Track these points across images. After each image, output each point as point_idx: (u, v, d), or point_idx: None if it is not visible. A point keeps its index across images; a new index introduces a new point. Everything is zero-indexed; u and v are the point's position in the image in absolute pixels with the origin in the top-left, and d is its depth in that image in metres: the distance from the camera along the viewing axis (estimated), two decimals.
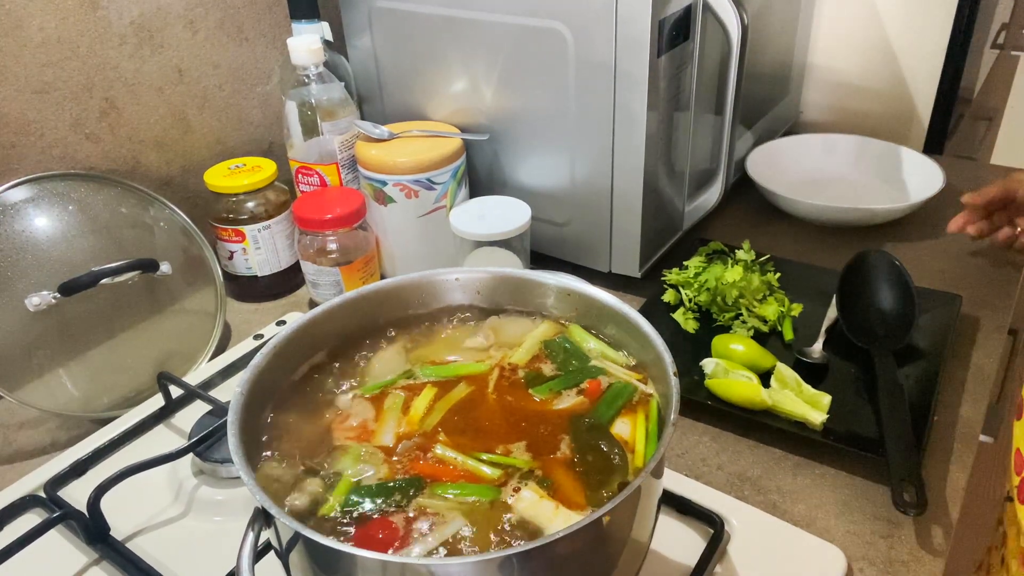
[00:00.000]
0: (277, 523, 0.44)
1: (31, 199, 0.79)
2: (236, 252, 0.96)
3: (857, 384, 0.77)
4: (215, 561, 0.61)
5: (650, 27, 0.79)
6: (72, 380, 0.79)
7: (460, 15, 0.91)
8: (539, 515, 0.47)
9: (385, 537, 0.46)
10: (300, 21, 0.99)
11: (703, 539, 0.61)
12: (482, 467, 0.50)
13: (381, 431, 0.53)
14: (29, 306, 0.75)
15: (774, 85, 1.24)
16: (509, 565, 0.41)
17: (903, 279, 0.81)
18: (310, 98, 0.94)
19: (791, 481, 0.69)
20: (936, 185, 1.04)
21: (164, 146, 1.00)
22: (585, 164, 0.90)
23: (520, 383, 0.57)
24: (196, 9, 0.99)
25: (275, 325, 0.90)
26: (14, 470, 0.75)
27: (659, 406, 0.53)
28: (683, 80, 0.89)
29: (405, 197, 0.91)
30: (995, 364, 0.81)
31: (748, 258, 0.90)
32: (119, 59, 0.93)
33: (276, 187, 0.97)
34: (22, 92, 0.85)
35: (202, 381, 0.81)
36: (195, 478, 0.70)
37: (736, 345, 0.79)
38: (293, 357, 0.57)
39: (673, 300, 0.90)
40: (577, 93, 0.86)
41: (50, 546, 0.64)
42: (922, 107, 1.29)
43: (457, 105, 0.98)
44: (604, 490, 0.48)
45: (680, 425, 0.75)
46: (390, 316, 0.62)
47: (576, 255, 0.97)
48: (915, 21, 1.25)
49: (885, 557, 0.62)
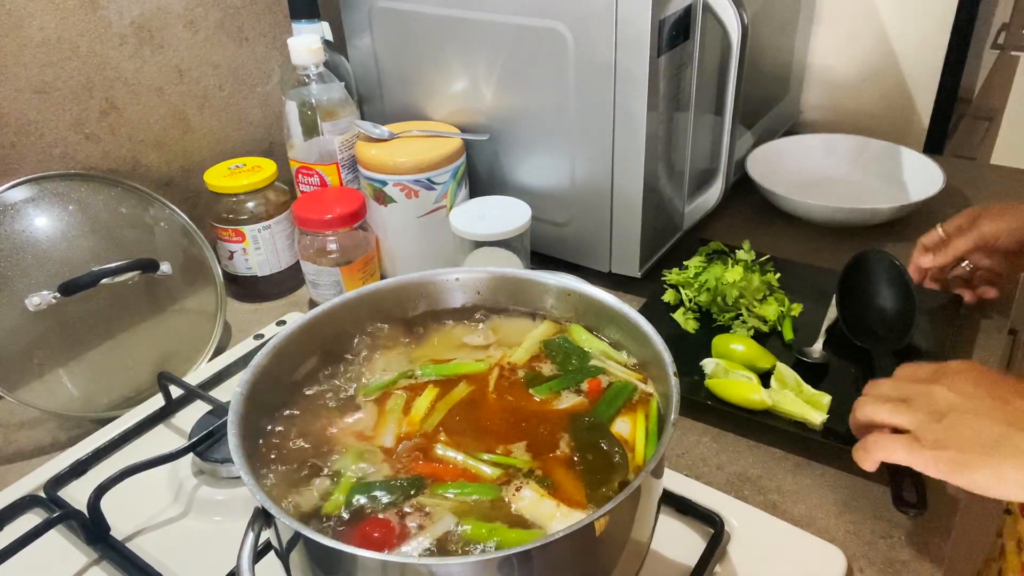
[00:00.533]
0: (277, 523, 0.44)
1: (31, 199, 0.79)
2: (236, 252, 0.96)
3: (857, 384, 0.77)
4: (215, 561, 0.61)
5: (650, 27, 0.79)
6: (72, 380, 0.79)
7: (460, 15, 0.91)
8: (539, 514, 0.47)
9: (385, 537, 0.46)
10: (300, 21, 0.99)
11: (703, 539, 0.61)
12: (482, 467, 0.50)
13: (382, 431, 0.53)
14: (29, 306, 0.75)
15: (774, 85, 1.24)
16: (509, 565, 0.41)
17: (903, 278, 0.81)
18: (310, 98, 0.94)
19: (791, 481, 0.69)
20: (936, 185, 1.04)
21: (164, 146, 1.00)
22: (585, 164, 0.90)
23: (520, 383, 0.57)
24: (196, 9, 0.99)
25: (275, 325, 0.90)
26: (14, 470, 0.75)
27: (659, 406, 0.53)
28: (683, 80, 0.89)
29: (405, 197, 0.91)
30: (995, 364, 0.81)
31: (748, 258, 0.89)
32: (119, 59, 0.93)
33: (276, 187, 0.97)
34: (22, 92, 0.85)
35: (202, 381, 0.81)
36: (195, 478, 0.70)
37: (736, 345, 0.79)
38: (293, 357, 0.57)
39: (673, 300, 0.90)
40: (577, 93, 0.86)
41: (50, 546, 0.64)
42: (922, 107, 1.29)
43: (457, 105, 0.98)
44: (605, 488, 0.48)
45: (680, 425, 0.75)
46: (390, 316, 0.62)
47: (576, 255, 0.97)
48: (915, 21, 1.25)
49: (885, 557, 0.62)
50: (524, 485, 0.48)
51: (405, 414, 0.55)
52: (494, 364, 0.59)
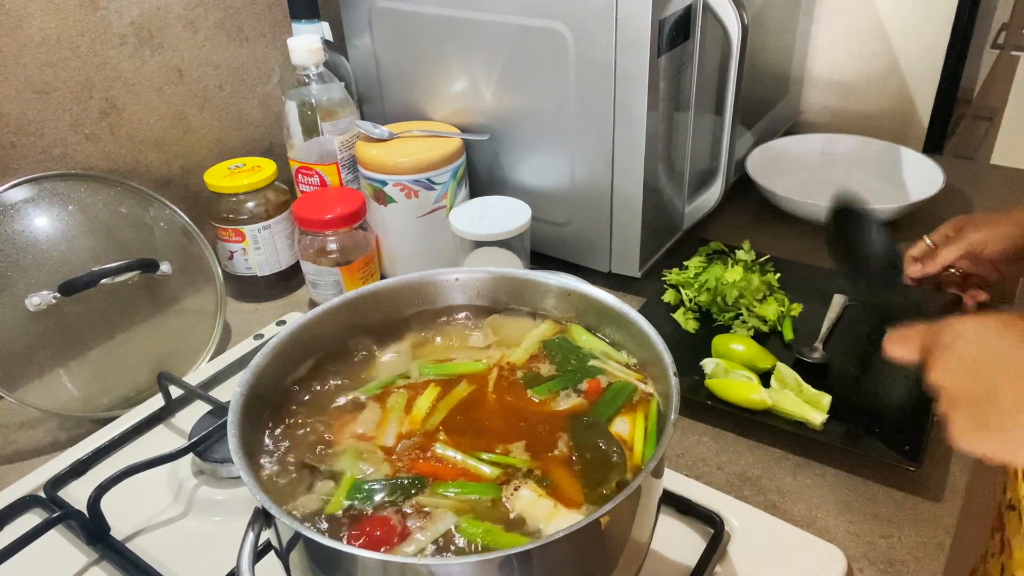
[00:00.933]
0: (277, 523, 0.44)
1: (31, 199, 0.79)
2: (236, 252, 0.96)
3: (857, 384, 0.77)
4: (215, 561, 0.61)
5: (650, 27, 0.79)
6: (72, 380, 0.79)
7: (460, 15, 0.91)
8: (538, 514, 0.47)
9: (385, 536, 0.46)
10: (300, 21, 0.99)
11: (703, 539, 0.61)
12: (482, 466, 0.50)
13: (383, 430, 0.53)
14: (29, 306, 0.75)
15: (774, 85, 1.24)
16: (509, 565, 0.41)
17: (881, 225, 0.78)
18: (310, 98, 0.94)
19: (791, 481, 0.69)
20: (936, 185, 1.04)
21: (164, 146, 1.00)
22: (585, 164, 0.90)
23: (519, 383, 0.57)
24: (196, 9, 0.99)
25: (275, 325, 0.90)
26: (14, 470, 0.75)
27: (659, 406, 0.53)
28: (683, 80, 0.89)
29: (405, 197, 0.91)
30: None
31: (748, 258, 0.90)
32: (119, 59, 0.93)
33: (276, 187, 0.97)
34: (22, 92, 0.85)
35: (202, 381, 0.81)
36: (195, 478, 0.70)
37: (736, 345, 0.79)
38: (293, 357, 0.57)
39: (673, 300, 0.90)
40: (577, 93, 0.86)
41: (50, 546, 0.64)
42: (922, 107, 1.29)
43: (457, 105, 0.98)
44: (602, 488, 0.48)
45: (680, 425, 0.75)
46: (390, 316, 0.62)
47: (576, 255, 0.97)
48: (915, 21, 1.25)
49: (885, 557, 0.62)
50: (523, 485, 0.48)
51: (407, 413, 0.55)
52: (493, 364, 0.59)
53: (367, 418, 0.55)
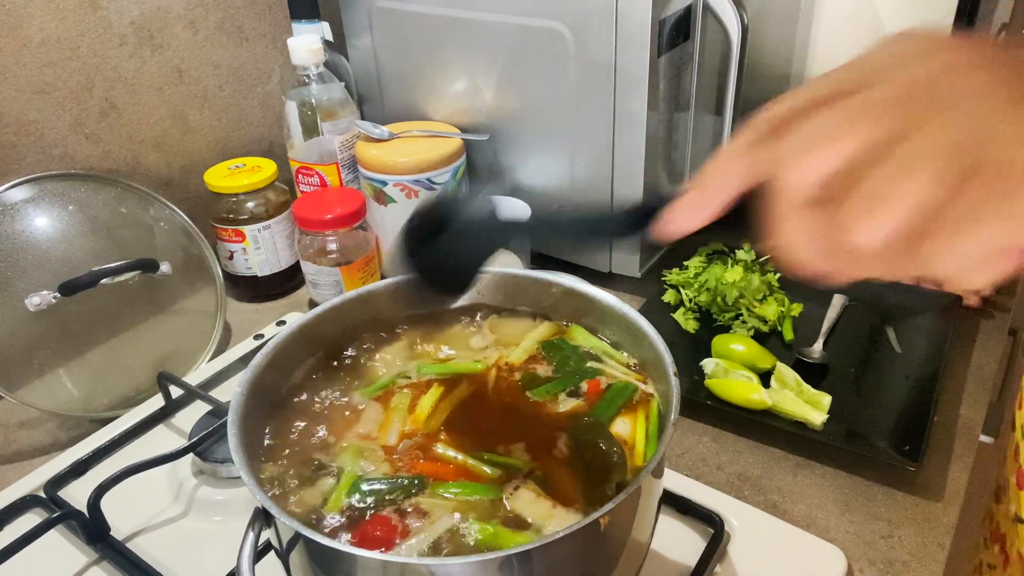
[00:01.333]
0: (277, 523, 0.44)
1: (31, 199, 0.79)
2: (236, 252, 0.95)
3: (857, 384, 0.77)
4: (215, 561, 0.61)
5: (650, 27, 0.79)
6: (72, 380, 0.79)
7: (460, 15, 0.91)
8: (538, 514, 0.47)
9: (386, 536, 0.46)
10: (300, 21, 0.99)
11: (703, 539, 0.61)
12: (482, 466, 0.50)
13: (387, 429, 0.53)
14: (29, 306, 0.75)
15: (774, 85, 1.24)
16: (509, 565, 0.41)
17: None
18: (310, 98, 0.94)
19: (791, 481, 0.69)
20: None
21: (164, 146, 1.00)
22: (585, 164, 0.90)
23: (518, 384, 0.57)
24: (196, 9, 0.99)
25: (275, 325, 0.90)
26: (14, 470, 0.75)
27: (659, 406, 0.53)
28: (683, 80, 0.89)
29: (405, 197, 0.91)
30: (995, 364, 0.81)
31: (748, 258, 0.89)
32: (119, 59, 0.93)
33: (276, 187, 0.97)
34: (22, 92, 0.85)
35: (202, 381, 0.81)
36: (195, 478, 0.70)
37: (736, 345, 0.79)
38: (293, 357, 0.57)
39: (673, 300, 0.90)
40: (577, 93, 0.86)
41: (50, 546, 0.64)
42: None
43: (457, 105, 0.98)
44: (602, 488, 0.48)
45: (680, 425, 0.75)
46: (390, 316, 0.62)
47: (576, 255, 0.97)
48: (915, 21, 1.25)
49: (885, 557, 0.62)
50: (523, 485, 0.48)
51: (410, 412, 0.55)
52: (491, 365, 0.59)
53: (369, 417, 0.54)
